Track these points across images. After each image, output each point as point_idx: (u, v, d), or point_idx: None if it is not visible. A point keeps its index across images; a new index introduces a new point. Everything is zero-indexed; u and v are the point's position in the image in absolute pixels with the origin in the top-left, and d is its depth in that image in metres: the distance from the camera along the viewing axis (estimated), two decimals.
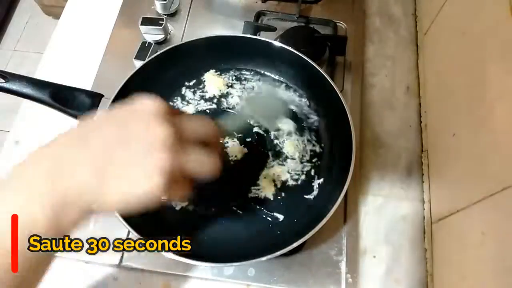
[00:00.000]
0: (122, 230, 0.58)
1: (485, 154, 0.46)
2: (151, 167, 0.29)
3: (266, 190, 0.58)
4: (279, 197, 0.58)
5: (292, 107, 0.64)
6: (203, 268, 0.57)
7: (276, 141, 0.61)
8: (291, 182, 0.59)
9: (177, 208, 0.57)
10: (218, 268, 0.56)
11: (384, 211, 0.62)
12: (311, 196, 0.58)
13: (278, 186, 0.58)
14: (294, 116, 0.63)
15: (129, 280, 0.57)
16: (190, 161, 0.31)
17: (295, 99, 0.65)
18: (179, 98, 0.65)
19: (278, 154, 0.61)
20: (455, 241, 0.51)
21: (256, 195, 0.58)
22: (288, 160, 0.60)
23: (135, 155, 0.29)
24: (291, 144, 0.60)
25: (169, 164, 0.29)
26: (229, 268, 0.56)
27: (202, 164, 0.32)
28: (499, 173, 0.42)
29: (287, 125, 0.62)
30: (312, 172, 0.59)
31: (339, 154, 0.59)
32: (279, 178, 0.59)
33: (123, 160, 0.29)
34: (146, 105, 0.31)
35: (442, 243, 0.55)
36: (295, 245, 0.48)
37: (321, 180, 0.59)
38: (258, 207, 0.57)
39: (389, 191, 0.63)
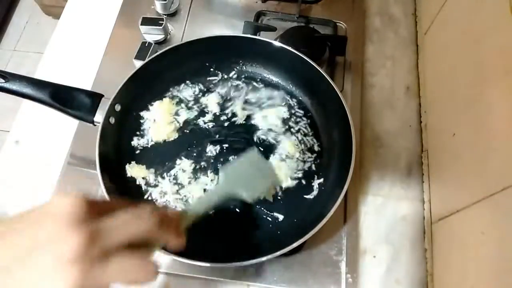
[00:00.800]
0: None
1: (485, 154, 0.46)
2: (59, 286, 0.25)
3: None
4: (279, 197, 0.58)
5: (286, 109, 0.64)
6: (203, 268, 0.56)
7: (276, 140, 0.62)
8: (291, 182, 0.59)
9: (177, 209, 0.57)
10: (218, 268, 0.56)
11: (384, 211, 0.62)
12: (311, 196, 0.58)
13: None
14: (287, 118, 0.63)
15: None
16: (109, 272, 0.27)
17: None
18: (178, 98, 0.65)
19: (278, 154, 0.60)
20: (455, 241, 0.51)
21: None
22: (288, 160, 0.60)
23: (40, 271, 0.25)
24: (291, 144, 0.60)
25: (80, 280, 0.25)
26: (229, 268, 0.56)
27: (126, 273, 0.28)
28: (499, 173, 0.42)
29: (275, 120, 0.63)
30: (312, 172, 0.59)
31: (339, 154, 0.59)
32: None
33: (24, 279, 0.25)
34: (61, 206, 0.27)
35: (442, 243, 0.55)
36: (295, 245, 0.48)
37: (321, 180, 0.59)
38: (258, 207, 0.57)
39: (389, 191, 0.63)
